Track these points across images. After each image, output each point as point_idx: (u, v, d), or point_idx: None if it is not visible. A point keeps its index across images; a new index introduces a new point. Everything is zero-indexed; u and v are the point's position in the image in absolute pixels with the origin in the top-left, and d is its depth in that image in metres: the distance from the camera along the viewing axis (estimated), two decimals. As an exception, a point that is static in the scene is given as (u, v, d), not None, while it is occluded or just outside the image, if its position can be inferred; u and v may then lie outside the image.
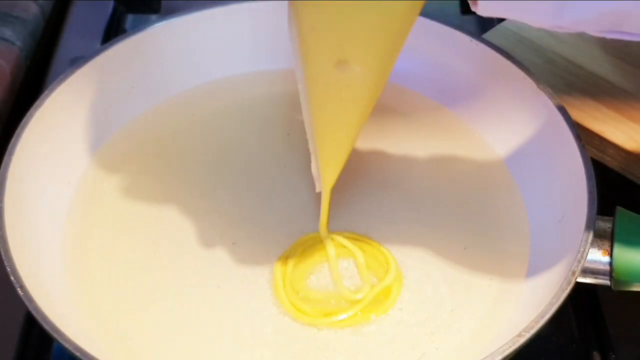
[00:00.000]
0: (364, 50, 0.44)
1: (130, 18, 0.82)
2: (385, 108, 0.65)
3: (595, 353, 0.56)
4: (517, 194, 0.59)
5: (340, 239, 0.55)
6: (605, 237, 0.51)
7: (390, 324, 0.52)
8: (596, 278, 0.51)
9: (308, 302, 0.53)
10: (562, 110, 0.56)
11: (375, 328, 0.52)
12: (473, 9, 0.43)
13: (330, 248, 0.55)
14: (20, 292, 0.47)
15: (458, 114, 0.64)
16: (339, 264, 0.55)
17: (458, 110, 0.64)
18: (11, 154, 0.54)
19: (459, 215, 0.58)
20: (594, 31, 0.42)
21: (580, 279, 0.49)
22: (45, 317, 0.46)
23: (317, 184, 0.53)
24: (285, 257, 0.55)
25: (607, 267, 0.50)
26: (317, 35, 0.43)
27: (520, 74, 0.60)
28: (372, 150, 0.62)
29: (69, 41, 0.78)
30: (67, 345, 0.45)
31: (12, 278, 0.48)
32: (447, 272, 0.54)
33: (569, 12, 0.40)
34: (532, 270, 0.54)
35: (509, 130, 0.61)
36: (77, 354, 0.45)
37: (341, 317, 0.52)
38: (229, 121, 0.64)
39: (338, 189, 0.59)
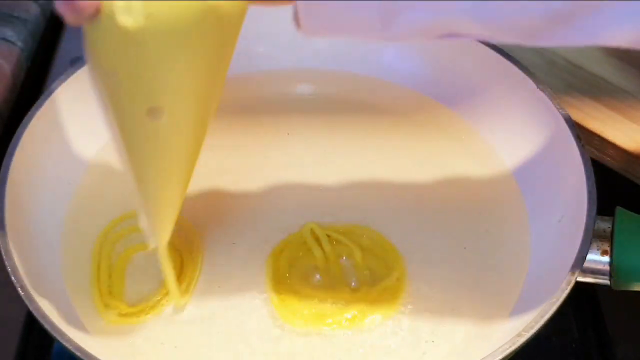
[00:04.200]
0: (176, 97, 0.41)
1: (130, 18, 0.82)
2: (386, 107, 0.66)
3: (595, 353, 0.56)
4: (517, 194, 0.59)
5: (339, 237, 0.55)
6: (605, 237, 0.51)
7: (390, 323, 0.52)
8: (596, 278, 0.51)
9: (307, 302, 0.53)
10: (562, 111, 0.57)
11: (375, 327, 0.52)
12: (298, 31, 0.42)
13: (318, 250, 0.55)
14: (20, 292, 0.47)
15: (459, 113, 0.64)
16: (339, 262, 0.55)
17: (459, 109, 0.64)
18: (12, 154, 0.54)
19: (459, 214, 0.58)
20: (426, 38, 0.42)
21: (580, 279, 0.49)
22: (45, 317, 0.46)
23: (150, 239, 0.49)
24: (277, 254, 0.55)
25: (607, 267, 0.50)
26: (125, 81, 0.40)
27: (520, 74, 0.60)
28: (373, 150, 0.62)
29: (69, 41, 0.78)
30: (67, 345, 0.45)
31: (13, 278, 0.48)
32: (447, 272, 0.54)
33: (394, 25, 0.40)
34: (532, 270, 0.54)
35: (509, 130, 0.61)
36: (78, 353, 0.45)
37: (340, 317, 0.52)
38: (229, 121, 0.64)
39: (340, 186, 0.59)
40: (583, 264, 0.48)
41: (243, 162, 0.61)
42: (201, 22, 0.39)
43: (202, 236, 0.56)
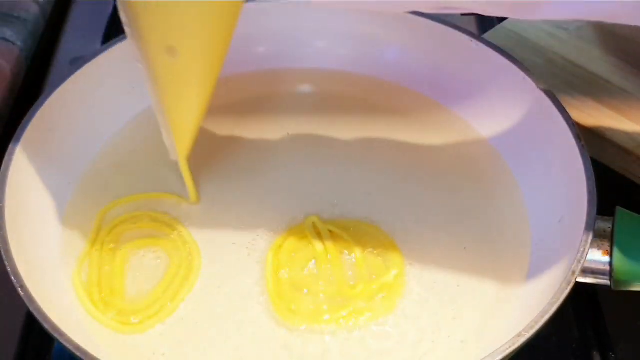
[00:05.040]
0: (189, 39, 0.49)
1: (130, 18, 0.82)
2: (386, 107, 0.66)
3: (595, 353, 0.56)
4: (518, 194, 0.59)
5: (340, 232, 0.55)
6: (605, 237, 0.51)
7: (390, 323, 0.52)
8: (596, 278, 0.51)
9: (305, 298, 0.53)
10: (562, 111, 0.57)
11: (375, 328, 0.52)
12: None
13: (319, 244, 0.55)
14: (20, 292, 0.47)
15: (459, 113, 0.64)
16: (339, 258, 0.55)
17: (459, 109, 0.65)
18: (12, 154, 0.54)
19: (460, 215, 0.58)
20: (424, 9, 0.44)
21: (580, 279, 0.50)
22: (45, 317, 0.46)
23: (171, 153, 0.56)
24: (278, 247, 0.55)
25: (607, 267, 0.50)
26: (145, 22, 0.47)
27: (520, 74, 0.60)
28: (373, 149, 0.62)
29: (69, 41, 0.78)
30: (67, 345, 0.45)
31: (13, 278, 0.48)
32: (447, 272, 0.54)
33: None
34: (533, 271, 0.54)
35: (510, 130, 0.61)
36: (78, 353, 0.45)
37: (337, 315, 0.52)
38: (229, 121, 0.65)
39: (340, 184, 0.59)
40: (583, 264, 0.48)
41: (243, 162, 0.61)
42: None
43: (203, 236, 0.56)
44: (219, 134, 0.64)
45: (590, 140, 0.61)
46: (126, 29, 0.49)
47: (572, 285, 0.48)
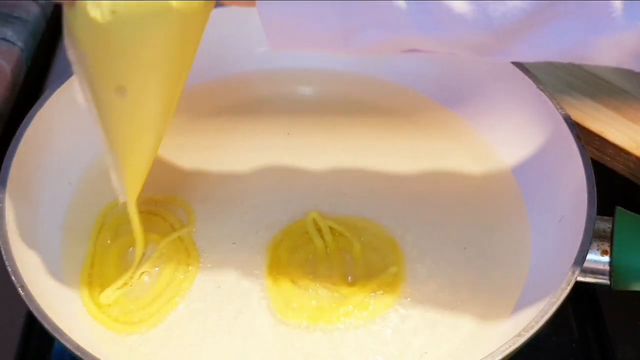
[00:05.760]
0: (139, 80, 0.46)
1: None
2: (386, 107, 0.66)
3: (594, 353, 0.56)
4: (518, 194, 0.59)
5: (340, 228, 0.56)
6: (605, 237, 0.51)
7: (390, 321, 0.52)
8: (596, 278, 0.51)
9: (304, 295, 0.53)
10: (562, 111, 0.57)
11: (375, 326, 0.52)
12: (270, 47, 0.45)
13: (319, 240, 0.55)
14: (21, 291, 0.48)
15: (459, 113, 0.65)
16: (338, 254, 0.55)
17: (458, 110, 0.65)
18: (12, 154, 0.54)
19: (460, 214, 0.58)
20: (388, 52, 0.45)
21: (580, 279, 0.50)
22: (46, 317, 0.46)
23: (120, 195, 0.53)
24: (278, 242, 0.55)
25: (607, 267, 0.50)
26: (95, 62, 0.46)
27: (520, 74, 0.60)
28: (373, 150, 0.62)
29: (69, 41, 0.78)
30: (67, 345, 0.45)
31: (13, 278, 0.48)
32: (446, 271, 0.54)
33: (355, 40, 0.43)
34: (532, 270, 0.54)
35: (509, 130, 0.61)
36: (78, 353, 0.45)
37: (336, 312, 0.52)
38: (229, 120, 0.65)
39: (341, 184, 0.59)
40: (583, 263, 0.49)
41: (243, 162, 0.61)
42: (162, 21, 0.43)
43: (202, 235, 0.56)
44: (219, 134, 0.64)
45: (590, 140, 0.61)
46: (74, 67, 0.47)
47: (571, 285, 0.48)
